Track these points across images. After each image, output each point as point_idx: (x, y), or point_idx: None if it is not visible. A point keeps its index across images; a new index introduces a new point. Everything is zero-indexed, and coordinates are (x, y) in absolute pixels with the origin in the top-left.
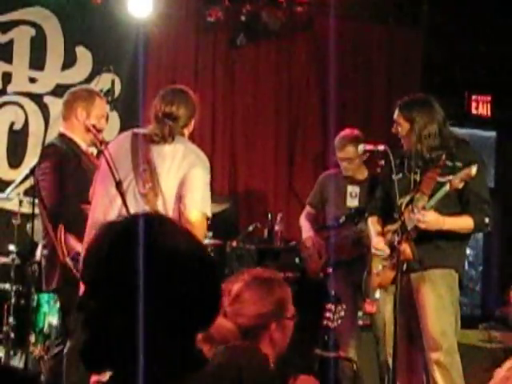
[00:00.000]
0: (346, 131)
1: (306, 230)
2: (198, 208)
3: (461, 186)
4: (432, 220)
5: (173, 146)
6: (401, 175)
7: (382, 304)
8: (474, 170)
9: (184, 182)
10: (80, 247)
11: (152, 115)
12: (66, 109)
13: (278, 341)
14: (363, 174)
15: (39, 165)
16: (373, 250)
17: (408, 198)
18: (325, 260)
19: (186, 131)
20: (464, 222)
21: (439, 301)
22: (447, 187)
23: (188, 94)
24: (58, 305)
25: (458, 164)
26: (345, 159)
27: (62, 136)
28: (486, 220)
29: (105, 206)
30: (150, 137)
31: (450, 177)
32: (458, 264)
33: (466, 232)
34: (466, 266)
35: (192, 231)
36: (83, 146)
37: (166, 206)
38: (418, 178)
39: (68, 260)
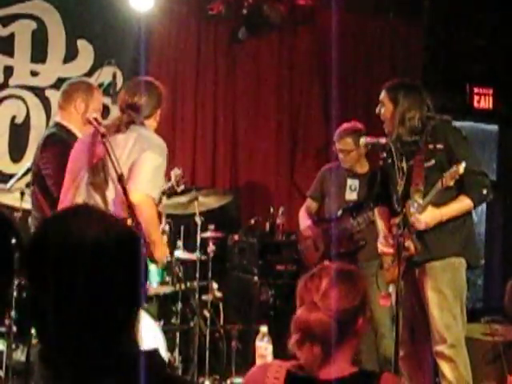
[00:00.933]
0: (348, 123)
1: (304, 222)
2: (142, 190)
3: (452, 183)
4: (428, 220)
5: (126, 135)
6: (390, 161)
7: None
8: (461, 167)
9: (132, 168)
10: None
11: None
12: (64, 99)
13: (362, 333)
14: (363, 168)
15: (41, 154)
16: (380, 248)
17: (401, 189)
18: (322, 252)
19: (153, 121)
20: (462, 205)
21: (440, 296)
22: (439, 185)
23: (153, 85)
24: None
25: (439, 146)
26: (341, 151)
27: (58, 125)
28: (484, 191)
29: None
30: (108, 128)
31: (433, 161)
32: (458, 248)
33: (469, 211)
34: None
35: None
36: (80, 136)
37: (116, 193)
38: (404, 166)
39: None
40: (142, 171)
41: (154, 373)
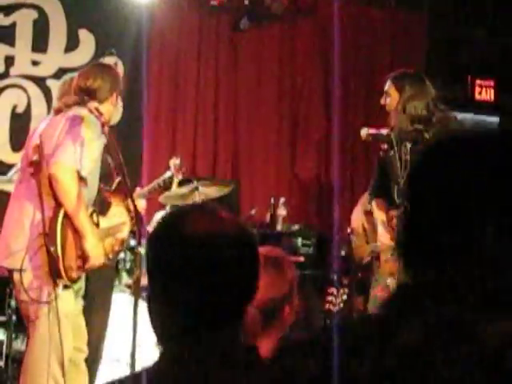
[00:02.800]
0: None
1: (355, 212)
2: (60, 162)
3: None
4: None
5: (62, 115)
6: (392, 152)
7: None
8: None
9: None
10: None
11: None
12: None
13: (288, 322)
14: None
15: None
16: (380, 240)
17: (402, 182)
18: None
19: (109, 105)
20: None
21: None
22: None
23: (107, 68)
24: None
25: None
26: None
27: None
28: None
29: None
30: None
31: None
32: None
33: None
34: None
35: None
36: None
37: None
38: (408, 158)
39: None
40: (65, 143)
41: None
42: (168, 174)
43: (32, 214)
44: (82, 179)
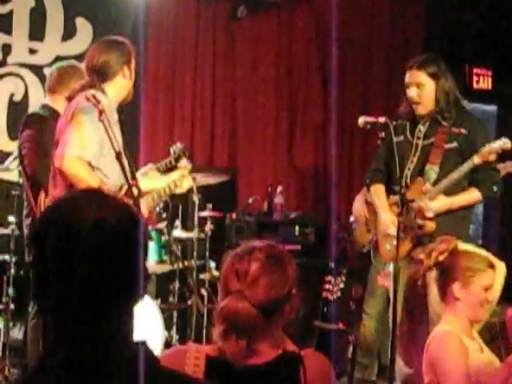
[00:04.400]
0: None
1: (357, 201)
2: (68, 153)
3: (491, 158)
4: (437, 208)
5: (73, 102)
6: (402, 138)
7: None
8: (493, 155)
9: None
10: None
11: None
12: (56, 83)
13: (288, 316)
14: None
15: (21, 133)
16: (382, 227)
17: (412, 166)
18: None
19: (122, 79)
20: (471, 197)
21: None
22: (455, 175)
23: (111, 42)
24: None
25: (464, 131)
26: None
27: (45, 107)
28: (495, 188)
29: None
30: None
31: (455, 143)
32: (466, 233)
33: (476, 204)
34: None
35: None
36: None
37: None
38: (420, 143)
39: None
40: (64, 135)
41: (147, 365)
42: (168, 159)
43: None
44: (89, 164)
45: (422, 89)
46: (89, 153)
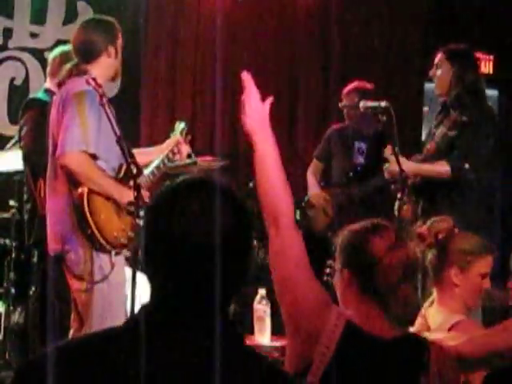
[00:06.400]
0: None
1: (312, 186)
2: (69, 150)
3: None
4: (408, 166)
5: (58, 92)
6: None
7: None
8: None
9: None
10: None
11: None
12: (57, 67)
13: None
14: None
15: (21, 117)
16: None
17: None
18: (331, 218)
19: (106, 58)
20: (441, 169)
21: None
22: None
23: (95, 22)
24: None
25: (465, 119)
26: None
27: (47, 91)
28: (466, 166)
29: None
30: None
31: (455, 132)
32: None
33: (446, 177)
34: None
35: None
36: None
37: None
38: (434, 131)
39: None
40: (64, 130)
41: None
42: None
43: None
44: (94, 156)
45: (438, 68)
46: (91, 144)
